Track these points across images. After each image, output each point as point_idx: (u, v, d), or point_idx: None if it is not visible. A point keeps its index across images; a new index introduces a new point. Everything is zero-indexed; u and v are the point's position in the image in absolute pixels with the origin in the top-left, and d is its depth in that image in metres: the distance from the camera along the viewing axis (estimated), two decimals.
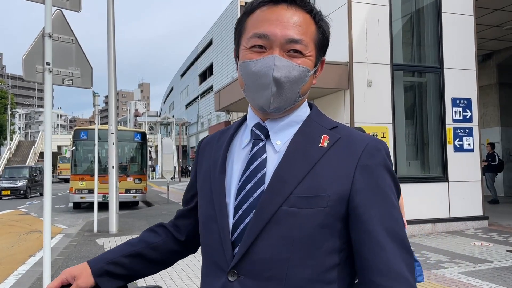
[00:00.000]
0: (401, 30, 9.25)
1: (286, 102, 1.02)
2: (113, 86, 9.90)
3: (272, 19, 1.01)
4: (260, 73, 0.98)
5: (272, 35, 0.99)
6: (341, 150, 1.00)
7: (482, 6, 10.68)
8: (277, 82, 0.98)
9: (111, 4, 9.74)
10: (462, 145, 9.00)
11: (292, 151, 1.01)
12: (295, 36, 0.99)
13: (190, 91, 57.23)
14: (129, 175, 15.67)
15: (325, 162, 0.98)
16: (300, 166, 0.99)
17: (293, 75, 0.99)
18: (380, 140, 1.04)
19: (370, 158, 0.99)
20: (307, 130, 1.05)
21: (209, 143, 1.21)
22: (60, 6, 4.71)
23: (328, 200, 0.95)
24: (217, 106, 12.77)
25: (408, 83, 9.39)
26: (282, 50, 0.99)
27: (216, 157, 1.12)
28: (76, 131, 16.07)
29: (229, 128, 1.19)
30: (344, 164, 0.98)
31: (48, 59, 4.38)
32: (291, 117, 1.07)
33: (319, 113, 1.12)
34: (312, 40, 1.03)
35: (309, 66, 1.02)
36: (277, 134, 1.06)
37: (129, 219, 11.95)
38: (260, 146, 1.06)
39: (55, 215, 14.28)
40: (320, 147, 1.01)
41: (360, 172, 0.97)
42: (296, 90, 1.01)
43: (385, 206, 0.96)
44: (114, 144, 9.80)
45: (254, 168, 1.03)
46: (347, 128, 1.07)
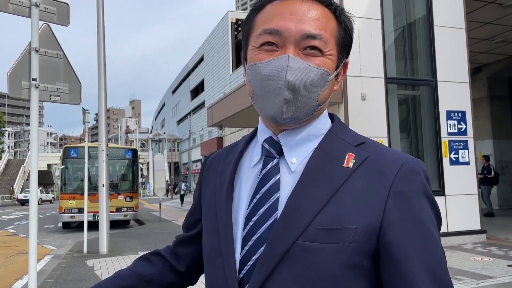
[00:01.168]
0: (394, 44, 9.25)
1: (303, 110, 0.85)
2: (103, 103, 9.73)
3: (284, 13, 0.86)
4: (271, 76, 0.83)
5: (285, 30, 0.84)
6: (369, 172, 0.83)
7: (473, 20, 10.74)
8: (291, 86, 0.82)
9: (101, 20, 9.63)
10: (458, 158, 8.92)
11: (310, 171, 0.85)
12: (312, 30, 0.84)
13: (182, 107, 57.18)
14: (120, 193, 15.38)
15: (350, 187, 0.81)
16: (320, 190, 0.82)
17: (310, 78, 0.83)
18: (418, 160, 0.87)
19: (406, 183, 0.82)
20: (328, 146, 0.88)
21: (215, 161, 1.04)
22: (48, 20, 4.57)
23: (355, 233, 0.78)
24: (210, 122, 12.64)
25: (402, 96, 9.35)
26: (297, 48, 0.84)
27: (223, 179, 0.96)
28: (65, 149, 15.80)
29: (238, 144, 1.03)
30: (374, 190, 0.81)
31: (35, 74, 4.22)
32: (309, 129, 0.90)
33: (342, 126, 0.95)
34: (333, 37, 0.87)
35: (329, 67, 0.86)
36: (293, 150, 0.90)
37: (120, 238, 11.65)
38: (272, 165, 0.89)
39: (43, 235, 13.93)
40: (344, 168, 0.84)
41: (394, 200, 0.80)
42: (314, 96, 0.85)
43: (425, 243, 0.79)
44: (104, 162, 9.58)
45: (266, 191, 0.86)
46: (376, 144, 0.90)
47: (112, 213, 13.76)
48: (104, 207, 9.55)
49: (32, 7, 4.33)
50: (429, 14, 9.09)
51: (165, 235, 12.15)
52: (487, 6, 10.34)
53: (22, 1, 4.31)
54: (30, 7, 4.34)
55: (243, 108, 11.45)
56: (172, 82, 64.05)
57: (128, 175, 16.24)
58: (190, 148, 53.27)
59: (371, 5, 8.62)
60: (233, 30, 37.42)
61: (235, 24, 37.29)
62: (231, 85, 36.35)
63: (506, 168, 15.21)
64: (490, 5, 10.25)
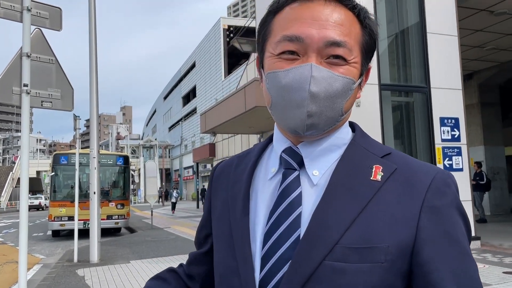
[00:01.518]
0: (387, 50, 9.27)
1: (326, 122, 0.80)
2: (95, 109, 9.61)
3: (305, 17, 0.79)
4: (293, 86, 0.77)
5: (307, 37, 0.78)
6: (399, 185, 0.78)
7: (464, 27, 10.82)
8: (315, 98, 0.76)
9: (93, 25, 9.54)
10: (452, 164, 8.93)
11: (335, 185, 0.79)
12: (336, 37, 0.78)
13: (173, 113, 57.02)
14: (111, 201, 15.20)
15: (379, 202, 0.76)
16: (347, 206, 0.76)
17: (335, 89, 0.78)
18: (448, 172, 0.82)
19: (439, 198, 0.77)
20: (353, 157, 0.83)
21: (225, 171, 0.97)
22: (40, 25, 4.49)
23: (387, 253, 0.73)
24: (203, 128, 12.58)
25: (395, 102, 9.36)
26: (319, 56, 0.78)
27: (235, 191, 0.89)
28: (55, 156, 15.59)
29: (249, 153, 0.96)
30: (405, 205, 0.76)
31: (26, 80, 4.13)
32: (331, 140, 0.85)
33: (365, 135, 0.89)
34: (358, 43, 0.82)
35: (354, 76, 0.80)
36: (314, 162, 0.84)
37: (112, 247, 11.47)
38: (293, 177, 0.83)
39: (32, 243, 13.68)
40: (372, 181, 0.78)
41: (428, 217, 0.75)
42: (338, 107, 0.79)
43: (460, 261, 0.74)
44: (96, 168, 9.44)
45: (287, 206, 0.80)
46: (402, 155, 0.85)
47: (103, 221, 13.57)
48: (95, 214, 9.40)
49: (24, 12, 4.24)
50: (422, 21, 9.14)
51: (157, 243, 12.00)
52: (478, 14, 10.43)
53: (14, 5, 4.22)
54: (22, 12, 4.25)
55: (236, 115, 11.39)
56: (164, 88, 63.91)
57: (119, 182, 16.07)
58: (181, 154, 53.05)
59: None
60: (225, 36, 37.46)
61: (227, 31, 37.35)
62: (223, 91, 36.30)
63: (498, 174, 15.31)
64: (481, 12, 10.34)
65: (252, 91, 12.79)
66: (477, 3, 9.84)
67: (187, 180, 51.42)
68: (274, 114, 0.84)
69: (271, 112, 0.84)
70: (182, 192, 51.96)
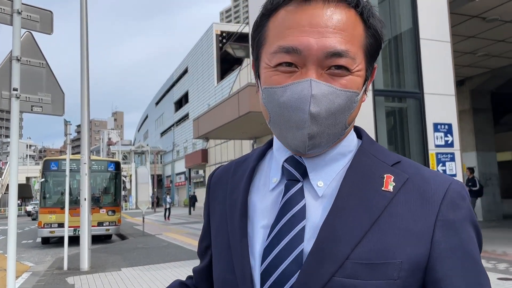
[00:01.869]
0: (381, 56, 9.28)
1: (329, 139, 0.75)
2: (86, 114, 9.49)
3: (303, 24, 0.72)
4: (291, 106, 0.71)
5: (306, 48, 0.71)
6: (411, 197, 0.73)
7: (456, 34, 10.88)
8: (316, 118, 0.71)
9: (84, 30, 9.44)
10: (445, 170, 8.93)
11: (345, 196, 0.73)
12: (338, 47, 0.71)
13: (165, 119, 56.83)
14: (102, 207, 15.01)
15: (392, 214, 0.71)
16: (358, 218, 0.71)
17: (337, 105, 0.72)
18: (462, 183, 0.78)
19: (454, 211, 0.73)
20: (362, 165, 0.78)
21: (222, 178, 0.91)
22: (30, 28, 4.40)
23: (400, 269, 0.68)
24: (196, 134, 12.50)
25: (389, 108, 9.37)
26: (319, 68, 0.71)
27: (233, 200, 0.83)
28: (45, 162, 15.38)
29: (247, 159, 0.90)
30: (418, 218, 0.71)
31: (16, 84, 4.03)
32: (335, 148, 0.80)
33: (372, 141, 0.84)
34: (361, 47, 0.75)
35: (358, 85, 0.74)
36: (318, 172, 0.78)
37: (102, 254, 11.30)
38: (296, 189, 0.78)
39: (21, 251, 13.46)
40: (383, 192, 0.73)
41: (442, 231, 0.71)
42: (341, 122, 0.74)
43: (475, 277, 0.71)
44: (86, 174, 9.30)
45: (289, 219, 0.74)
46: (413, 163, 0.80)
47: (93, 228, 13.39)
48: (86, 221, 9.25)
49: (14, 15, 4.15)
50: (415, 27, 9.17)
51: (148, 250, 11.84)
52: (470, 20, 10.49)
53: (4, 8, 4.13)
54: (12, 15, 4.16)
55: (229, 120, 11.33)
56: (156, 93, 63.73)
57: (110, 188, 15.88)
58: (173, 160, 52.81)
59: None
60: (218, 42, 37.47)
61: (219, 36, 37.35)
62: (215, 97, 36.25)
63: (490, 180, 15.38)
64: (473, 19, 10.41)
65: (245, 96, 12.74)
66: (469, 10, 9.90)
67: (179, 186, 51.15)
68: (274, 131, 0.78)
69: (270, 127, 0.79)
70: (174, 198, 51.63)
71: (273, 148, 0.86)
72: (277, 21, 0.75)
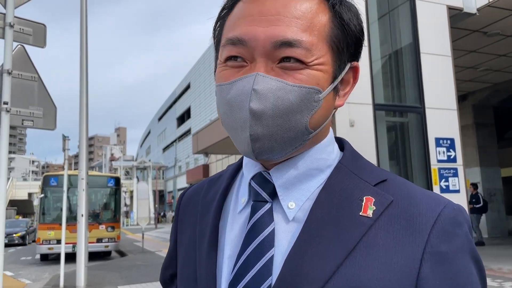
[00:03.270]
0: (381, 71, 9.23)
1: (285, 145, 0.63)
2: (84, 129, 9.42)
3: (253, 13, 0.63)
4: (234, 103, 0.62)
5: (251, 38, 0.62)
6: (395, 223, 0.62)
7: (457, 48, 10.85)
8: (259, 117, 0.60)
9: (84, 44, 9.44)
10: (448, 186, 8.78)
11: (316, 221, 0.62)
12: (288, 35, 0.61)
13: (168, 134, 56.92)
14: (101, 223, 14.85)
15: (370, 244, 0.60)
16: (330, 249, 0.60)
17: (288, 102, 0.61)
18: (458, 206, 0.65)
19: (446, 241, 0.60)
20: (339, 186, 0.66)
21: (193, 198, 0.80)
22: (23, 42, 4.35)
23: None
24: (195, 149, 12.42)
25: (390, 123, 9.28)
26: (270, 61, 0.62)
27: (203, 227, 0.72)
28: (45, 177, 15.30)
29: (221, 176, 0.79)
30: (403, 249, 0.60)
31: (6, 98, 3.96)
32: (309, 162, 0.68)
33: (356, 156, 0.72)
34: (323, 39, 0.64)
35: (319, 81, 0.63)
36: (290, 191, 0.67)
37: (100, 271, 11.12)
38: (263, 211, 0.67)
39: (20, 268, 13.31)
40: (361, 218, 0.62)
41: (431, 265, 0.59)
42: (298, 124, 0.63)
43: None
44: (84, 190, 9.19)
45: (256, 248, 0.64)
46: (401, 182, 0.68)
47: (92, 244, 13.23)
48: (82, 238, 9.10)
49: (6, 28, 4.10)
50: (415, 41, 9.13)
51: (147, 267, 11.65)
52: (471, 35, 10.46)
53: None
54: (4, 28, 4.11)
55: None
56: (159, 109, 63.96)
57: (110, 204, 15.73)
58: (175, 176, 52.68)
59: None
60: None
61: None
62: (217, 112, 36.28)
63: (494, 195, 15.17)
64: (474, 33, 10.37)
65: None
66: (470, 24, 9.87)
67: None
68: (229, 134, 0.69)
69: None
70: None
71: (243, 164, 0.76)
72: (233, 14, 0.67)
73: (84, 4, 9.43)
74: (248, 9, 0.65)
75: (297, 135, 0.63)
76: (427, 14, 9.17)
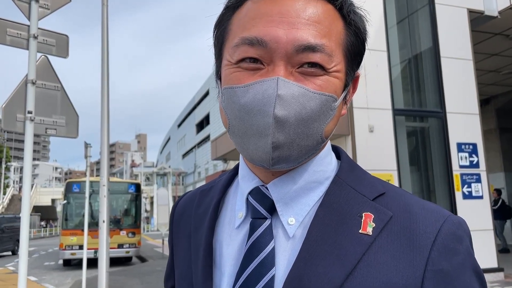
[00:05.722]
0: (400, 75, 9.14)
1: (301, 153, 0.62)
2: (105, 137, 9.56)
3: (271, 13, 0.61)
4: (253, 108, 0.59)
5: (272, 39, 0.60)
6: (395, 240, 0.60)
7: (479, 52, 10.66)
8: (283, 124, 0.59)
9: (105, 52, 9.61)
10: (471, 192, 8.60)
11: (314, 241, 0.61)
12: (311, 40, 0.60)
13: (187, 140, 57.37)
14: (122, 229, 15.04)
15: (370, 263, 0.59)
16: (330, 269, 0.59)
17: (310, 110, 0.60)
18: (459, 219, 0.63)
19: (448, 258, 0.59)
20: (337, 201, 0.64)
21: (187, 210, 0.78)
22: (46, 52, 4.46)
23: None
24: (214, 155, 12.48)
25: (410, 128, 9.16)
26: (289, 65, 0.61)
27: (197, 242, 0.71)
28: (68, 184, 15.59)
29: (213, 187, 0.77)
30: (404, 267, 0.59)
31: (30, 107, 4.07)
32: (308, 175, 0.66)
33: (352, 166, 0.70)
34: (340, 46, 0.64)
35: (336, 89, 0.63)
36: (289, 206, 0.65)
37: (121, 277, 11.25)
38: (263, 229, 0.65)
39: (43, 273, 13.55)
40: (361, 236, 0.61)
41: (434, 284, 0.58)
42: (316, 132, 0.62)
43: None
44: (105, 196, 9.33)
45: (256, 267, 0.62)
46: (400, 194, 0.66)
47: (113, 250, 13.40)
48: (103, 244, 9.22)
49: (31, 39, 4.22)
50: (435, 45, 9.02)
51: None
52: (493, 38, 10.26)
53: (20, 32, 4.20)
54: (28, 39, 4.23)
55: None
56: (178, 115, 64.56)
57: (131, 210, 15.94)
58: (195, 181, 52.99)
59: (376, 37, 8.57)
60: None
61: None
62: None
63: None
64: (496, 36, 10.18)
65: None
66: (491, 27, 9.69)
67: None
68: (234, 141, 0.66)
69: (230, 137, 0.67)
70: None
71: (239, 176, 0.73)
72: (242, 13, 0.65)
73: (105, 13, 9.62)
74: (263, 9, 0.62)
75: (314, 144, 0.62)
76: (447, 17, 9.05)
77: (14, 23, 4.11)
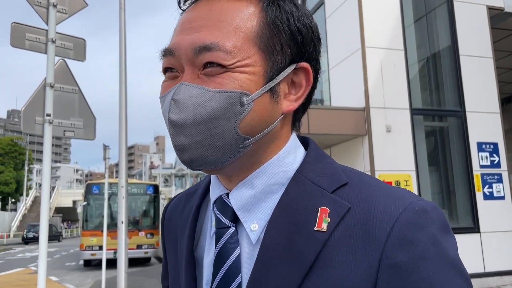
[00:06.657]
0: (418, 74, 9.01)
1: (217, 153, 0.60)
2: (124, 139, 9.69)
3: (182, 22, 0.64)
4: (164, 115, 0.62)
5: (177, 47, 0.61)
6: (353, 235, 0.56)
7: (499, 49, 10.44)
8: (181, 127, 0.59)
9: (123, 55, 9.74)
10: (492, 192, 8.42)
11: (271, 243, 0.59)
12: (206, 40, 0.59)
13: None
14: (141, 230, 15.21)
15: (326, 263, 0.56)
16: (287, 273, 0.57)
17: (210, 109, 0.58)
18: (424, 204, 0.57)
19: (404, 249, 0.54)
20: (293, 199, 0.61)
21: (174, 213, 0.79)
22: (64, 56, 4.55)
23: None
24: None
25: (429, 128, 9.02)
26: (197, 69, 0.60)
27: (181, 250, 0.71)
28: (88, 186, 15.85)
29: (197, 190, 0.76)
30: (359, 263, 0.55)
31: (49, 110, 4.15)
32: (265, 178, 0.64)
33: (318, 158, 0.66)
34: (251, 39, 0.60)
35: (243, 84, 0.59)
36: (251, 212, 0.63)
37: (139, 277, 11.38)
38: (227, 237, 0.64)
39: (64, 273, 13.80)
40: (315, 233, 0.57)
41: (388, 279, 0.53)
42: (226, 130, 0.59)
43: None
44: (124, 198, 9.45)
45: (223, 276, 0.62)
46: (365, 182, 0.61)
47: (132, 250, 13.55)
48: (122, 244, 9.34)
49: (49, 43, 4.31)
50: (454, 44, 8.87)
51: None
52: None
53: (39, 37, 4.29)
54: (46, 44, 4.32)
55: None
56: None
57: (149, 211, 16.10)
58: None
59: (393, 36, 8.47)
60: None
61: None
62: None
63: None
64: None
65: None
66: (511, 24, 9.49)
67: None
68: None
69: None
70: None
71: (210, 183, 0.72)
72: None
73: (123, 16, 9.75)
74: (180, 19, 0.65)
75: (229, 142, 0.60)
76: (466, 15, 8.90)
77: (32, 28, 4.20)
